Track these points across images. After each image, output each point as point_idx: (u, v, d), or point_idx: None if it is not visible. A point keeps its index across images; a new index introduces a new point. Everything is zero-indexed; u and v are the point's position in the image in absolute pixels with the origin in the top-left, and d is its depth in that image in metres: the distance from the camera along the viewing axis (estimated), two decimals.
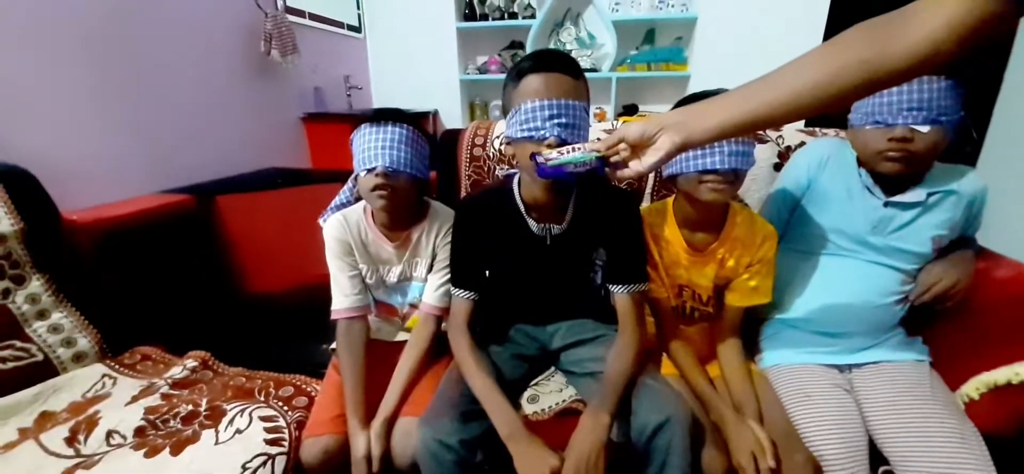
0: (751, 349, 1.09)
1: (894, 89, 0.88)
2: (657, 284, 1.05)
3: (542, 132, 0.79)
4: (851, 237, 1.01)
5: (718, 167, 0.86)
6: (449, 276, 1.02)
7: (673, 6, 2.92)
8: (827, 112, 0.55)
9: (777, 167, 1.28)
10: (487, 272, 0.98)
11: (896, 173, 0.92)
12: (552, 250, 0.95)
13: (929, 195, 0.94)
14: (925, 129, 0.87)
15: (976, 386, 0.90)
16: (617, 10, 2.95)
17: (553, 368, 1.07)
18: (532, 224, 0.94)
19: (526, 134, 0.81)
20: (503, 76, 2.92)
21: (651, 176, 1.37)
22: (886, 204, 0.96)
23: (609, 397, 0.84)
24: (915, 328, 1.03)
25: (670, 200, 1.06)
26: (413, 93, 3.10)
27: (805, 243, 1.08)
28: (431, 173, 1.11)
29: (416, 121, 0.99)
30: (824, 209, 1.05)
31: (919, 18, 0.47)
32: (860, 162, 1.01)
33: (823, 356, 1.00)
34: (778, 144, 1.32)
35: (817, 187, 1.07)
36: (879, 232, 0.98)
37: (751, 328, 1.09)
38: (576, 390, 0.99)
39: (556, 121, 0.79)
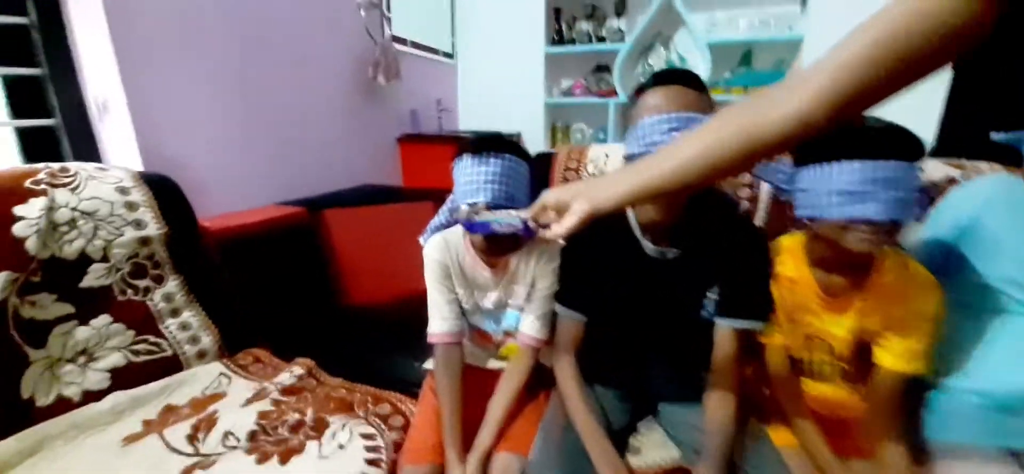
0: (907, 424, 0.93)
1: None
2: (777, 329, 0.94)
3: (660, 146, 0.75)
4: None
5: (873, 217, 0.74)
6: (549, 306, 0.98)
7: (774, 27, 2.74)
8: (717, 181, 0.63)
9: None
10: (597, 299, 0.94)
11: None
12: (667, 273, 0.89)
13: None
14: None
15: None
16: (712, 31, 2.82)
17: (652, 417, 1.00)
18: (647, 245, 0.88)
19: (643, 149, 0.77)
20: (587, 99, 2.89)
21: (764, 194, 1.25)
22: None
23: (716, 458, 0.79)
24: None
25: (800, 236, 0.94)
26: (498, 116, 3.16)
27: (969, 295, 0.91)
28: None
29: (517, 148, 0.97)
30: (994, 256, 0.88)
31: (792, 86, 0.49)
32: None
33: (1005, 439, 0.82)
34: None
35: (981, 231, 0.90)
36: None
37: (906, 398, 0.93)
38: (679, 453, 0.91)
39: (675, 133, 0.75)
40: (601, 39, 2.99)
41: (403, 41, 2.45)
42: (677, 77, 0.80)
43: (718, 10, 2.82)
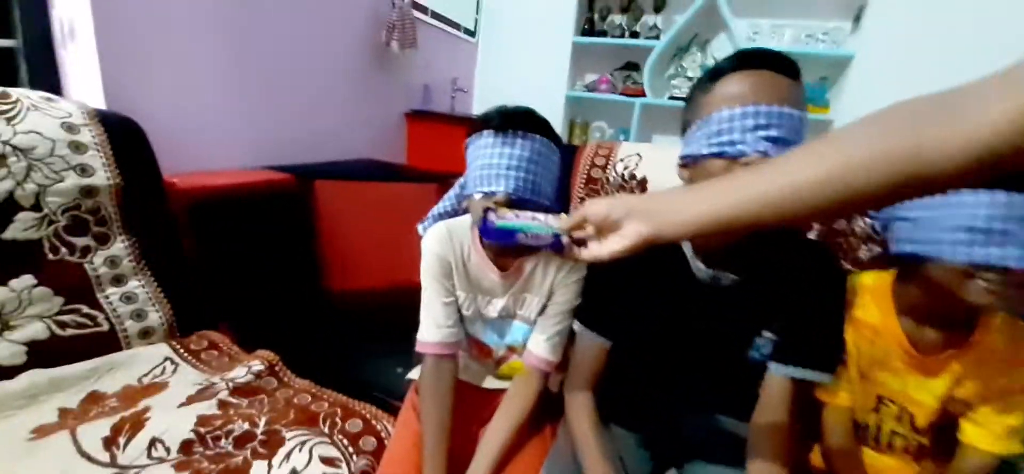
0: None
1: None
2: (844, 386, 0.76)
3: (741, 147, 0.57)
4: None
5: (1013, 265, 0.57)
6: (565, 324, 0.82)
7: (822, 41, 2.55)
8: (843, 216, 0.48)
9: None
10: (626, 321, 0.76)
11: None
12: (717, 302, 0.71)
13: None
14: None
15: None
16: (754, 40, 2.62)
17: (675, 471, 0.82)
18: (698, 267, 0.70)
19: (716, 150, 0.59)
20: (611, 96, 2.64)
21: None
22: None
23: None
24: None
25: (888, 275, 0.76)
26: (515, 103, 2.96)
27: None
28: None
29: (549, 128, 0.79)
30: None
31: (976, 93, 0.33)
32: None
33: None
34: None
35: None
36: None
37: None
38: None
39: (762, 132, 0.56)
40: (634, 34, 2.80)
41: (424, 9, 2.27)
42: (769, 59, 0.60)
43: (763, 18, 2.63)
